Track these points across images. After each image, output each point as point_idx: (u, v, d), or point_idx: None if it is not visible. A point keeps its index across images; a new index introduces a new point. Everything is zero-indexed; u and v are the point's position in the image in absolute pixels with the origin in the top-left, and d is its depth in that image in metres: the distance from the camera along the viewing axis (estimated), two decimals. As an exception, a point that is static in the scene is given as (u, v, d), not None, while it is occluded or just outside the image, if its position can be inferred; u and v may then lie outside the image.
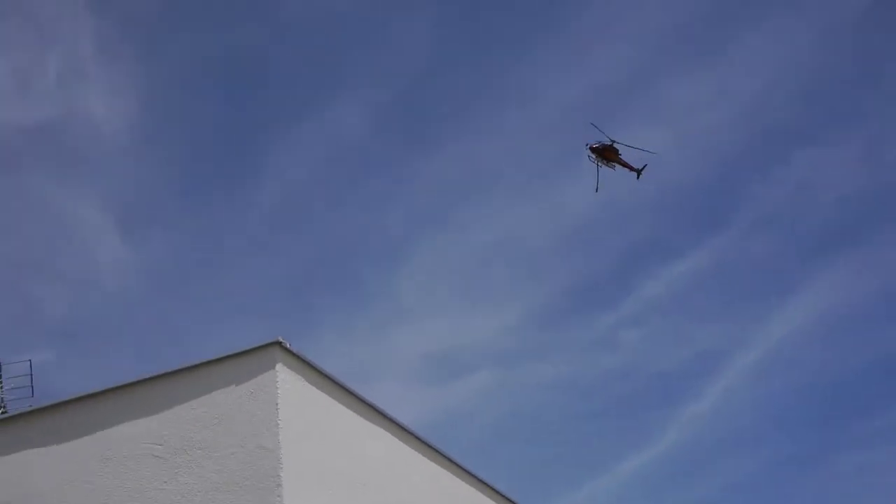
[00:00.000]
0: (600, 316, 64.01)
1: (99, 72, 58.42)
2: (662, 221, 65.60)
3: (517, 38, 67.07)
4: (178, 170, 61.42)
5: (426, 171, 63.93)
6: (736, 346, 62.06)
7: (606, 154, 53.64)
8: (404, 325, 60.82)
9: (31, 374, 21.31)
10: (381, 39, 63.87)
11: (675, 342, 63.72)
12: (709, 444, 58.92)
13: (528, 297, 64.93)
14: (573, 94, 62.90)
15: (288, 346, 13.29)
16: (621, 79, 65.71)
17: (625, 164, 54.45)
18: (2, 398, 21.41)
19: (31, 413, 14.52)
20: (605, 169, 54.85)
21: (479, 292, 66.19)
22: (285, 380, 13.14)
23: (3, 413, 20.41)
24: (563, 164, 60.92)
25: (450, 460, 16.35)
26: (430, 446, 15.86)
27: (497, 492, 17.65)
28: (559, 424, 58.92)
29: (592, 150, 52.78)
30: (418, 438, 15.57)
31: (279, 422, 12.80)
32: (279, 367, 13.11)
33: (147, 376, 13.76)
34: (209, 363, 13.49)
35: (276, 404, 12.89)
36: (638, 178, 55.85)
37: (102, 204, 58.53)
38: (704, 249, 64.43)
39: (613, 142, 53.68)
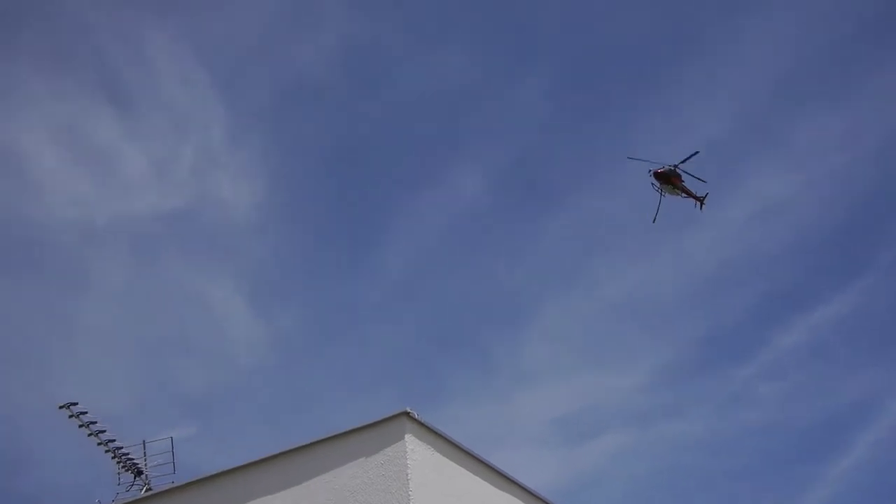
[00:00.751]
0: (735, 370, 62.07)
1: (229, 158, 60.95)
2: (796, 268, 63.63)
3: (630, 94, 66.93)
4: (305, 245, 63.10)
5: (549, 231, 63.92)
6: (886, 395, 59.15)
7: (672, 179, 51.43)
8: (531, 389, 60.30)
9: (173, 451, 22.09)
10: (495, 103, 64.71)
11: (819, 394, 61.08)
12: (860, 500, 56.03)
13: (659, 352, 63.57)
14: (690, 146, 62.17)
15: (416, 415, 13.46)
16: (738, 127, 64.77)
17: (689, 193, 54.38)
18: (147, 476, 22.25)
19: (174, 490, 15.08)
20: (669, 198, 53.54)
21: (607, 351, 65.19)
22: (414, 450, 13.29)
23: (148, 491, 21.21)
24: (688, 214, 59.88)
25: (583, 526, 16.11)
26: (561, 512, 15.70)
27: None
28: (698, 485, 57.08)
29: (657, 175, 50.71)
30: (549, 504, 15.45)
31: (410, 492, 12.94)
32: (408, 437, 13.28)
33: (281, 451, 14.13)
34: (340, 436, 13.77)
35: (407, 475, 13.04)
36: (701, 208, 54.30)
37: (234, 282, 60.50)
38: (844, 294, 62.01)
39: (675, 167, 53.78)
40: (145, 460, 22.30)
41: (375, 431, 13.54)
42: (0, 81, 55.08)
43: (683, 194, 55.18)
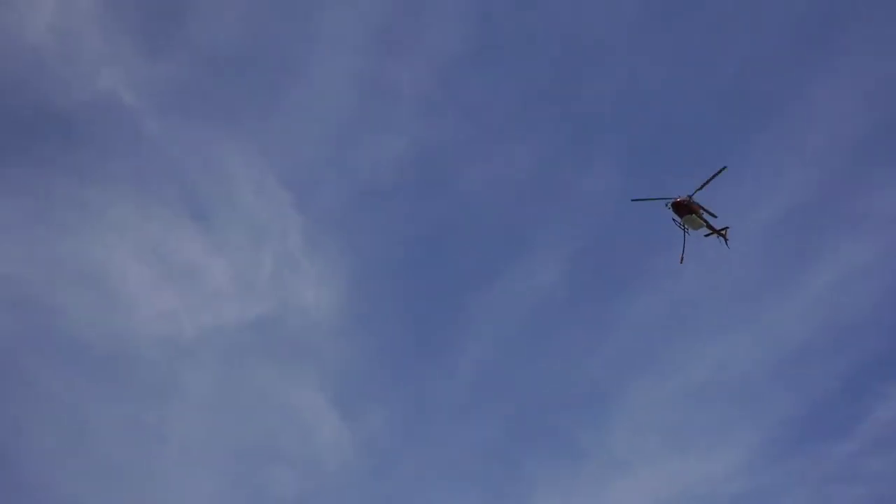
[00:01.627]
0: (833, 446, 60.13)
1: (308, 263, 62.43)
2: (884, 335, 62.10)
3: (700, 168, 66.90)
4: (386, 345, 63.78)
5: (626, 314, 63.69)
6: None
7: (693, 208, 51.15)
8: (621, 478, 59.35)
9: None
10: (564, 191, 65.35)
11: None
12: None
13: (751, 432, 62.15)
14: (767, 217, 61.71)
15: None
16: (813, 197, 64.08)
17: (711, 227, 52.34)
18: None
19: None
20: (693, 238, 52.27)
21: (695, 434, 63.99)
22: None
23: None
24: (769, 285, 59.15)
25: None
26: None
27: None
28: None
29: (675, 206, 50.35)
30: None
31: None
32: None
33: None
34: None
35: None
36: (727, 243, 53.08)
37: (320, 386, 61.30)
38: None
39: (690, 196, 51.01)
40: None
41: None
42: (89, 206, 57.71)
43: (706, 230, 52.88)
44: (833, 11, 64.96)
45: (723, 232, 53.37)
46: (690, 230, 53.05)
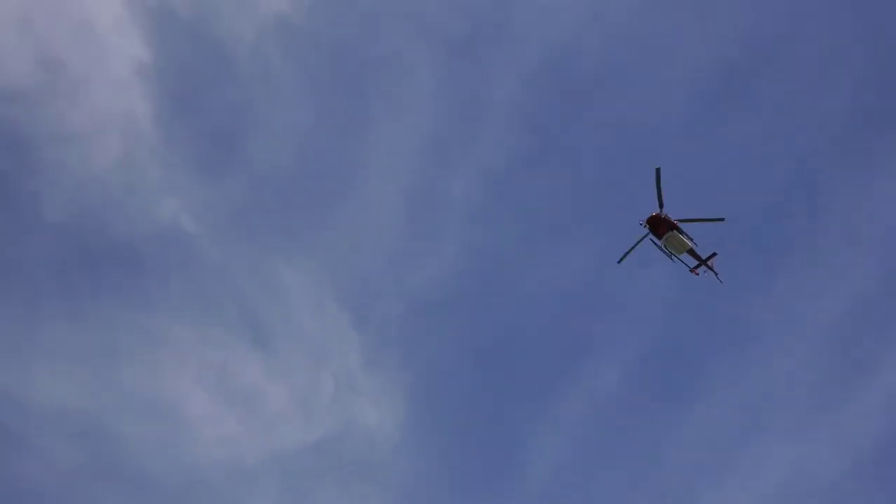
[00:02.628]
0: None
1: (367, 382, 62.55)
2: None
3: (763, 267, 65.94)
4: (450, 461, 63.12)
5: (693, 419, 62.31)
6: None
7: (672, 224, 48.16)
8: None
9: None
10: (619, 300, 64.81)
11: None
12: None
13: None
14: (831, 313, 60.36)
15: None
16: (874, 290, 62.63)
17: (695, 254, 49.38)
18: None
19: None
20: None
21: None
22: None
23: None
24: (840, 383, 57.49)
25: None
26: None
27: None
28: None
29: (651, 222, 47.53)
30: None
31: None
32: None
33: None
34: None
35: None
36: (717, 276, 50.13)
37: (383, 504, 60.68)
38: None
39: (670, 219, 48.30)
40: None
41: None
42: (153, 334, 58.84)
43: (692, 259, 49.91)
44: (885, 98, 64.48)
45: (710, 261, 50.77)
46: (675, 255, 50.26)
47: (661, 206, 49.06)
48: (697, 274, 51.57)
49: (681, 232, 49.78)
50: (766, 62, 67.50)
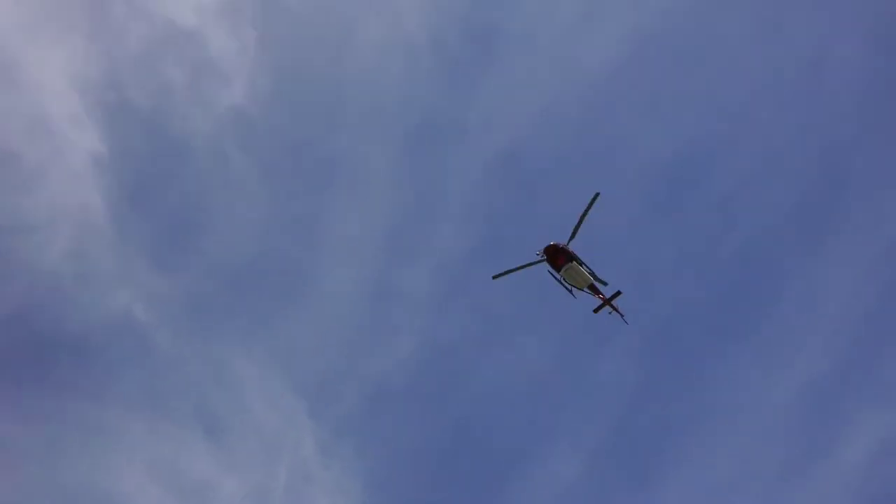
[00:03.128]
0: None
1: (323, 472, 61.44)
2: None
3: (717, 352, 66.47)
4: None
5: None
6: None
7: (571, 254, 46.55)
8: None
9: None
10: (579, 381, 64.80)
11: None
12: None
13: None
14: (783, 395, 60.75)
15: None
16: (829, 369, 63.27)
17: (595, 289, 48.04)
18: None
19: None
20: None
21: None
22: None
23: None
24: (794, 467, 57.43)
25: None
26: None
27: None
28: None
29: (548, 252, 46.10)
30: None
31: None
32: None
33: None
34: None
35: None
36: (623, 317, 48.89)
37: None
38: None
39: (565, 246, 46.64)
40: None
41: None
42: (104, 428, 57.57)
43: (592, 294, 48.46)
44: (833, 184, 66.31)
45: (613, 301, 48.81)
46: (575, 289, 48.19)
47: (571, 236, 47.38)
48: (598, 312, 49.59)
49: (581, 264, 48.01)
50: (712, 157, 69.60)
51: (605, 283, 49.22)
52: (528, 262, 47.72)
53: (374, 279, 66.27)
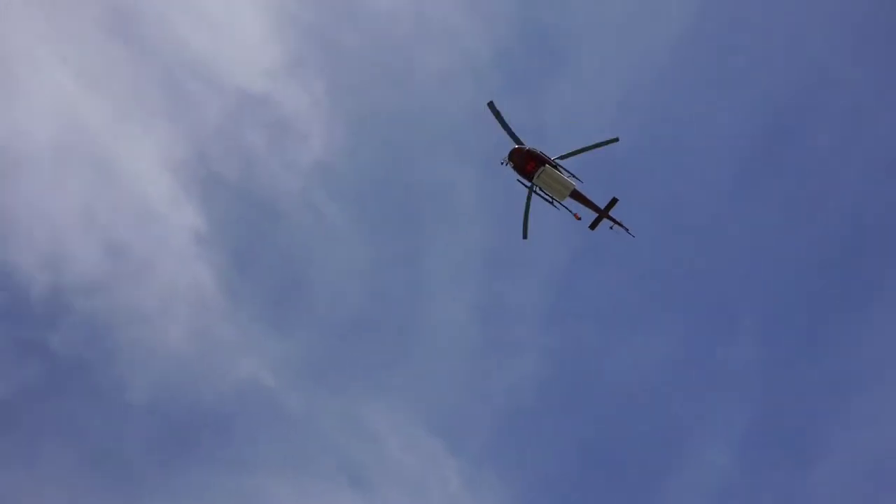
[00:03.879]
0: None
1: (474, 504, 61.59)
2: None
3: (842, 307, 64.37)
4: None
5: (816, 485, 60.52)
6: None
7: (541, 157, 39.82)
8: None
9: None
10: (711, 370, 63.99)
11: None
12: None
13: None
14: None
15: None
16: None
17: (583, 198, 40.85)
18: None
19: None
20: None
21: None
22: None
23: None
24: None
25: None
26: None
27: None
28: None
29: (514, 157, 39.87)
30: None
31: None
32: None
33: None
34: None
35: None
36: (628, 230, 41.99)
37: None
38: None
39: (540, 153, 40.02)
40: None
41: None
42: (249, 497, 58.51)
43: (583, 205, 41.35)
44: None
45: (610, 211, 41.47)
46: (557, 200, 41.04)
47: (517, 141, 40.51)
48: (595, 228, 42.39)
49: (556, 167, 40.76)
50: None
51: (579, 181, 41.43)
52: (526, 200, 40.76)
53: (483, 301, 66.51)
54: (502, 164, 40.07)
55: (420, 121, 69.97)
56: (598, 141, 39.95)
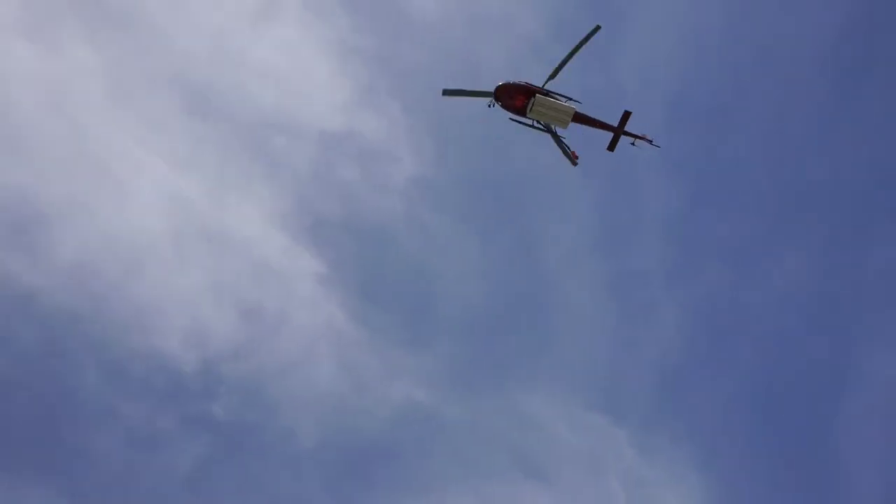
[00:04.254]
0: None
1: (652, 473, 61.86)
2: None
3: None
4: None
5: None
6: None
7: (530, 89, 37.19)
8: None
9: None
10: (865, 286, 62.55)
11: None
12: None
13: None
14: None
15: None
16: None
17: (598, 124, 38.55)
18: None
19: None
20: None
21: None
22: None
23: None
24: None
25: None
26: None
27: None
28: None
29: (501, 94, 37.04)
30: None
31: None
32: None
33: None
34: None
35: None
36: (650, 142, 39.56)
37: None
38: None
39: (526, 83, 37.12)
40: None
41: None
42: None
43: (590, 125, 38.89)
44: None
45: (624, 129, 38.39)
46: (559, 128, 38.02)
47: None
48: (614, 148, 39.49)
49: (548, 94, 37.50)
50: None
51: (578, 102, 38.53)
52: (543, 132, 38.27)
53: (605, 273, 66.87)
54: (490, 106, 37.60)
55: (497, 113, 70.53)
56: (580, 40, 37.42)
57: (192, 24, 65.14)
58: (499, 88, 37.13)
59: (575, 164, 39.63)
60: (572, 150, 40.01)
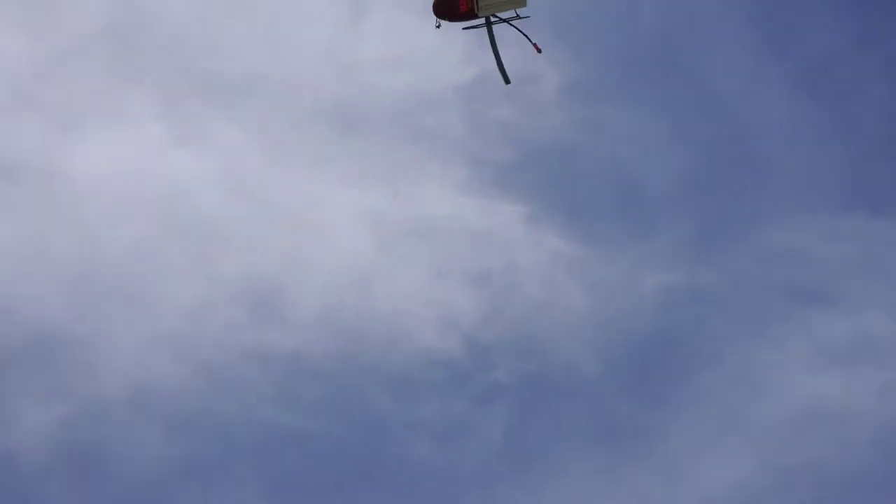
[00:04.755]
0: None
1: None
2: None
3: None
4: None
5: None
6: None
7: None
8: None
9: None
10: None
11: None
12: None
13: None
14: None
15: None
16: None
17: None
18: None
19: None
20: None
21: None
22: None
23: None
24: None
25: None
26: None
27: None
28: None
29: (437, 12, 34.76)
30: None
31: None
32: None
33: None
34: None
35: None
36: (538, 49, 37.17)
37: None
38: None
39: None
40: None
41: None
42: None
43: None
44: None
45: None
46: (521, 9, 36.09)
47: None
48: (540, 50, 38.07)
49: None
50: None
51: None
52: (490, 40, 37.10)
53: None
54: (437, 26, 35.73)
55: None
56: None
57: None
58: (436, 4, 35.39)
59: (539, 51, 38.74)
60: (534, 41, 38.55)
